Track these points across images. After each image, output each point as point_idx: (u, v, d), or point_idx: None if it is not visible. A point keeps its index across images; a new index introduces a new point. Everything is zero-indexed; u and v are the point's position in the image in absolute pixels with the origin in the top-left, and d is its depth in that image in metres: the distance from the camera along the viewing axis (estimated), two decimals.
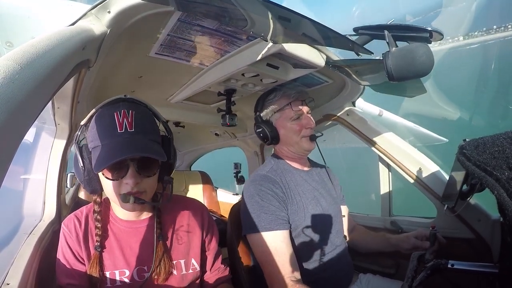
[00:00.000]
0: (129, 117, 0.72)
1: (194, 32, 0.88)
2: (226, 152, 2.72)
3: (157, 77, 1.23)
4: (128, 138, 0.71)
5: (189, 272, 0.86)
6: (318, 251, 1.11)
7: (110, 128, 0.72)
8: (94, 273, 0.77)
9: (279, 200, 1.08)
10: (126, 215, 0.84)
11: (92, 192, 0.80)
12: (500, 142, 0.69)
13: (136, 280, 0.80)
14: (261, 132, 1.21)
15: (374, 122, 1.47)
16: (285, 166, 1.21)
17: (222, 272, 0.98)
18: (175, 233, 0.87)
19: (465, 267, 0.88)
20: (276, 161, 1.23)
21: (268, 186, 1.09)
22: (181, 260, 0.86)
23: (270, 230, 1.02)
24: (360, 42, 0.85)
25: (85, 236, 0.81)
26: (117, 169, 0.73)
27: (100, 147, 0.72)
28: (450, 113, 10.73)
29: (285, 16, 0.69)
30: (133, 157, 0.72)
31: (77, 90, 0.92)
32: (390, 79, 0.83)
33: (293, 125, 1.17)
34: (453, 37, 25.17)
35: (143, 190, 0.76)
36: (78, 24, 0.68)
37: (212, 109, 1.63)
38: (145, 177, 0.75)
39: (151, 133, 0.77)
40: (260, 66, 1.06)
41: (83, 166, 0.75)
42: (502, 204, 0.60)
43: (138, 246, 0.83)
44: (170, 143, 0.83)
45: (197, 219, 0.92)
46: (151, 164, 0.76)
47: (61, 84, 0.56)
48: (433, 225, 1.14)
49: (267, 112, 1.21)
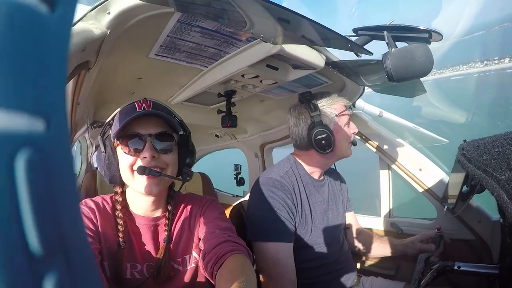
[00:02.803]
0: (147, 102, 0.80)
1: (193, 33, 0.88)
2: (226, 153, 2.72)
3: (157, 78, 1.23)
4: (145, 112, 0.77)
5: (192, 267, 0.87)
6: (321, 261, 1.11)
7: (131, 110, 0.78)
8: (114, 265, 0.79)
9: (288, 211, 1.05)
10: (141, 209, 0.84)
11: (111, 180, 0.81)
12: (500, 143, 0.68)
13: (145, 275, 0.82)
14: (324, 138, 1.07)
15: (374, 123, 1.47)
16: (301, 173, 1.16)
17: (217, 237, 0.78)
18: (182, 231, 0.88)
19: (471, 269, 0.88)
20: (293, 165, 1.17)
21: (280, 195, 1.05)
22: (186, 256, 0.87)
23: (274, 241, 1.01)
24: (359, 43, 0.85)
25: (102, 221, 0.80)
26: (134, 144, 0.76)
27: (121, 125, 0.76)
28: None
29: (284, 17, 0.70)
30: (150, 133, 0.77)
31: (77, 91, 0.92)
32: (389, 79, 0.83)
33: (347, 130, 1.13)
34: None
35: (164, 165, 0.79)
36: (78, 25, 0.68)
37: (212, 110, 1.63)
38: (162, 153, 0.79)
39: (169, 114, 0.81)
40: (260, 67, 1.06)
41: (104, 151, 0.79)
42: (502, 205, 0.59)
43: (148, 243, 0.84)
44: (189, 139, 0.88)
45: (199, 210, 0.91)
46: (168, 140, 0.80)
47: None
48: (439, 227, 1.14)
49: (326, 115, 1.11)
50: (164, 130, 0.79)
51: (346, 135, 1.12)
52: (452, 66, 29.46)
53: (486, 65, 26.31)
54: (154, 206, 0.85)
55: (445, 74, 28.84)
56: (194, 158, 0.89)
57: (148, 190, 0.77)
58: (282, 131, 1.91)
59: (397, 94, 1.34)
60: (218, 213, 0.89)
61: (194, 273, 0.87)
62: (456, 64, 29.23)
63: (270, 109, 1.73)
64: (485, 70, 25.39)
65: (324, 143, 1.07)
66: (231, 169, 2.52)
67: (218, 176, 2.84)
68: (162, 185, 0.81)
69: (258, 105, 1.66)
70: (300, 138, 1.14)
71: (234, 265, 0.69)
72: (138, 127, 0.77)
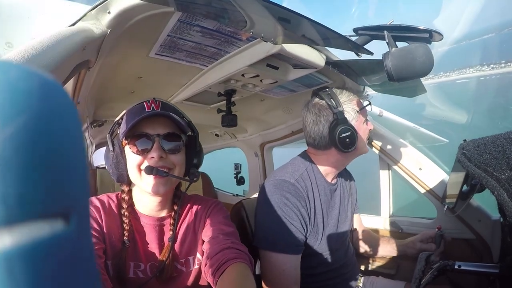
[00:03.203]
0: (156, 103, 0.80)
1: (194, 32, 0.88)
2: (226, 152, 2.72)
3: (157, 77, 1.23)
4: (154, 112, 0.77)
5: (196, 268, 0.87)
6: (327, 267, 1.09)
7: (140, 109, 0.78)
8: (117, 264, 0.79)
9: (301, 221, 1.00)
10: (147, 208, 0.84)
11: (118, 179, 0.81)
12: (500, 143, 0.68)
13: (148, 275, 0.82)
14: (348, 136, 1.01)
15: (374, 123, 1.47)
16: (317, 176, 1.09)
17: (219, 243, 0.79)
18: (187, 232, 0.88)
19: (471, 268, 0.88)
20: (308, 167, 1.10)
21: (294, 202, 0.99)
22: (190, 257, 0.87)
23: (283, 253, 0.98)
24: (360, 42, 0.85)
25: (107, 220, 0.81)
26: (142, 144, 0.77)
27: (130, 124, 0.76)
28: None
29: (285, 17, 0.69)
30: (158, 133, 0.77)
31: (77, 90, 0.92)
32: (390, 79, 0.82)
33: (366, 127, 1.09)
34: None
35: (171, 166, 0.79)
36: (78, 24, 0.68)
37: (212, 109, 1.63)
38: (170, 153, 0.79)
39: (178, 116, 0.81)
40: (260, 67, 1.06)
41: (112, 150, 0.79)
42: (502, 204, 0.60)
43: (153, 243, 0.84)
44: (196, 140, 0.89)
45: (204, 213, 0.91)
46: (176, 140, 0.80)
47: (61, 84, 0.56)
48: (439, 226, 1.14)
49: (349, 111, 1.05)
50: (172, 130, 0.79)
51: (366, 132, 1.09)
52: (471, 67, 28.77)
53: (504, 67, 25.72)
54: (160, 206, 0.85)
55: (468, 74, 28.08)
56: (201, 159, 0.89)
57: (155, 190, 0.77)
58: (282, 130, 1.91)
59: (397, 94, 1.34)
60: (222, 217, 0.89)
61: (197, 275, 0.87)
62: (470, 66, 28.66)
63: (270, 109, 1.73)
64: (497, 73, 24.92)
65: (348, 141, 1.01)
66: (231, 168, 2.53)
67: (218, 175, 2.85)
68: (169, 185, 0.81)
69: (258, 105, 1.66)
70: (320, 136, 1.06)
71: (234, 276, 0.69)
72: (147, 127, 0.77)
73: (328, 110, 1.05)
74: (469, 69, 28.98)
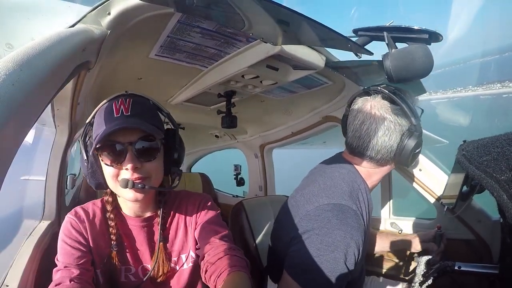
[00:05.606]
0: (126, 104, 0.74)
1: (194, 33, 0.89)
2: (226, 154, 2.72)
3: (157, 78, 1.23)
4: (122, 120, 0.72)
5: (189, 266, 0.86)
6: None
7: (108, 115, 0.73)
8: (108, 270, 0.78)
9: (356, 260, 0.81)
10: (132, 210, 0.83)
11: (97, 187, 0.79)
12: (500, 144, 0.68)
13: (140, 277, 0.81)
14: (419, 152, 0.88)
15: None
16: (368, 197, 0.92)
17: (217, 248, 0.76)
18: (178, 230, 0.87)
19: (471, 269, 0.88)
20: (361, 185, 0.91)
21: (358, 238, 0.80)
22: (182, 255, 0.86)
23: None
24: (359, 43, 0.85)
25: (92, 230, 0.79)
26: (115, 155, 0.71)
27: (98, 135, 0.72)
28: None
29: (284, 17, 0.70)
30: (131, 141, 0.71)
31: (77, 91, 0.92)
32: (389, 80, 0.83)
33: None
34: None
35: (147, 175, 0.74)
36: (78, 25, 0.68)
37: (212, 110, 1.63)
38: (145, 161, 0.74)
39: (149, 117, 0.76)
40: (260, 68, 1.06)
41: (86, 159, 0.75)
42: (502, 205, 0.60)
43: (142, 244, 0.83)
44: (175, 134, 0.83)
45: (195, 209, 0.89)
46: (150, 148, 0.74)
47: (61, 86, 0.56)
48: (439, 226, 1.13)
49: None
50: (146, 134, 0.73)
51: None
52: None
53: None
54: (143, 207, 0.83)
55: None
56: (182, 155, 0.85)
57: (134, 199, 0.75)
58: (282, 131, 1.92)
59: None
60: (215, 216, 0.87)
61: (192, 273, 0.86)
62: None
63: (270, 110, 1.73)
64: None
65: (416, 156, 0.87)
66: (231, 169, 2.53)
67: (218, 176, 2.85)
68: (148, 192, 0.78)
69: (258, 106, 1.66)
70: (388, 150, 0.87)
71: (234, 286, 0.67)
72: (117, 135, 0.71)
73: (406, 120, 0.87)
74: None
